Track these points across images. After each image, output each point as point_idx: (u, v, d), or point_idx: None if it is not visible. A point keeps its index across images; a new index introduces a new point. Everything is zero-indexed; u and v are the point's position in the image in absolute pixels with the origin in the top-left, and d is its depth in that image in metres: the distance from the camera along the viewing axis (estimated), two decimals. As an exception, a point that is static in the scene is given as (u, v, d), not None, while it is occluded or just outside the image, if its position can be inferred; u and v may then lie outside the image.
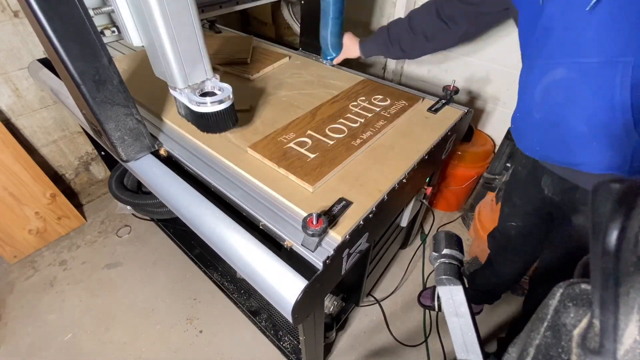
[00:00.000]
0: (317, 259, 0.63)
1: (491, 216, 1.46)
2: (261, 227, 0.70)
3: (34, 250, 1.70)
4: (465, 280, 0.61)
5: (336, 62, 1.25)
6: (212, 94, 0.78)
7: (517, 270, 1.19)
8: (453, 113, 1.04)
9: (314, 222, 0.60)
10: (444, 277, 0.51)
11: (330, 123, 0.95)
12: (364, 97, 1.07)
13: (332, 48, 1.19)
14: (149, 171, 0.86)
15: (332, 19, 1.10)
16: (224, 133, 0.89)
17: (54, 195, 1.66)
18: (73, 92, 0.73)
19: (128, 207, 1.78)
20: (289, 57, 1.34)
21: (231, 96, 0.77)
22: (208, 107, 0.75)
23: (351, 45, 1.18)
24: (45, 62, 1.35)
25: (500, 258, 1.19)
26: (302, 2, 1.35)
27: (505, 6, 0.83)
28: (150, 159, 0.87)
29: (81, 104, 0.74)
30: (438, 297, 0.54)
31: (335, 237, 0.67)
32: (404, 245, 1.70)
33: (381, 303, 1.48)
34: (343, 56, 1.22)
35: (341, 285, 1.35)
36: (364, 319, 1.45)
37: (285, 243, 0.66)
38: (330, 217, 0.68)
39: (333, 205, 0.71)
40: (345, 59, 1.25)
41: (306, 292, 0.60)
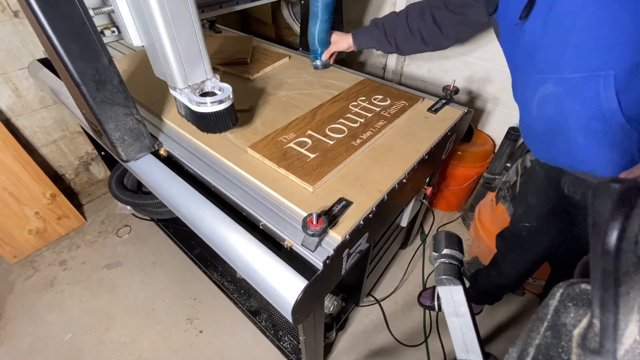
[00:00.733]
0: (317, 259, 0.63)
1: (491, 216, 1.46)
2: (261, 227, 0.70)
3: (34, 250, 1.70)
4: (465, 280, 0.61)
5: (324, 58, 1.23)
6: (212, 94, 0.78)
7: (523, 271, 1.19)
8: (453, 113, 1.04)
9: (314, 222, 0.60)
10: (444, 277, 0.51)
11: (330, 123, 0.95)
12: (364, 97, 1.07)
13: (320, 44, 1.19)
14: (149, 171, 0.86)
15: (321, 22, 1.12)
16: (224, 133, 0.89)
17: (54, 195, 1.66)
18: (73, 92, 0.73)
19: (128, 207, 1.78)
20: (289, 57, 1.35)
21: (231, 96, 0.77)
22: (208, 107, 0.75)
23: (339, 39, 1.17)
24: (45, 62, 1.35)
25: (508, 259, 1.19)
26: (302, 2, 1.35)
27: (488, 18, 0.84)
28: (150, 159, 0.87)
29: (81, 104, 0.74)
30: (438, 297, 0.54)
31: (335, 237, 0.67)
32: (404, 245, 1.70)
33: (381, 303, 1.48)
34: (332, 49, 1.21)
35: (341, 285, 1.35)
36: (364, 319, 1.45)
37: (285, 243, 0.66)
38: (330, 217, 0.68)
39: (333, 205, 0.71)
40: (344, 59, 1.24)
41: (306, 292, 0.60)
